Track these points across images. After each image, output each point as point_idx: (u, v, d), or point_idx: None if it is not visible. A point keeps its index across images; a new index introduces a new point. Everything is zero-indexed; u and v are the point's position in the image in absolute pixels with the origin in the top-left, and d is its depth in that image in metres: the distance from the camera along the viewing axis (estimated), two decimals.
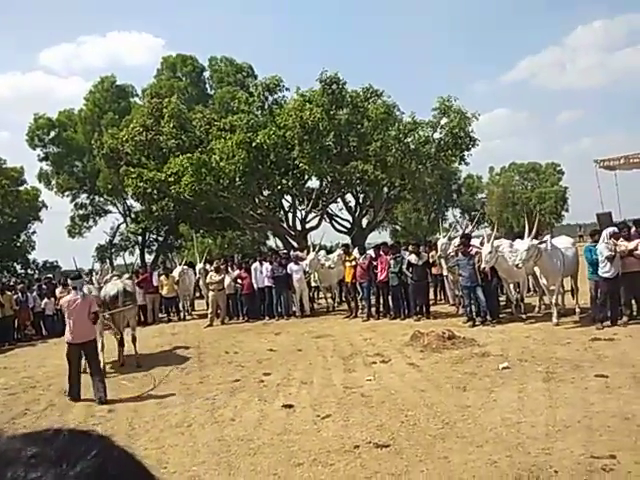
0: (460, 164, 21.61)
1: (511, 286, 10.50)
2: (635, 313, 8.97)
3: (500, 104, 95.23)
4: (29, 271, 30.05)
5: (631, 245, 8.64)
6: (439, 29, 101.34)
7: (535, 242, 9.10)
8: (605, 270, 8.60)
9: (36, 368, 9.51)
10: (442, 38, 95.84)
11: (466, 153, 19.83)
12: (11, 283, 17.47)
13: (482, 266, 9.62)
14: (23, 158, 61.67)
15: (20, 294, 14.25)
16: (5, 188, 27.40)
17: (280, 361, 8.41)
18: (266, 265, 13.77)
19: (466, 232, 13.76)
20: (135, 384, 7.70)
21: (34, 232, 30.43)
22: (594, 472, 3.77)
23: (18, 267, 30.29)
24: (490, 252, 9.47)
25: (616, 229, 9.25)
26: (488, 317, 10.05)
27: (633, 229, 9.61)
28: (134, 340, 9.28)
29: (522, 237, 9.37)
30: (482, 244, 10.16)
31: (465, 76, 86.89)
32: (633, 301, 8.98)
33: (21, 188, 29.15)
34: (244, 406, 6.16)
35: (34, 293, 14.95)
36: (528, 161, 44.95)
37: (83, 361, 7.19)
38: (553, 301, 9.39)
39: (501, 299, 11.47)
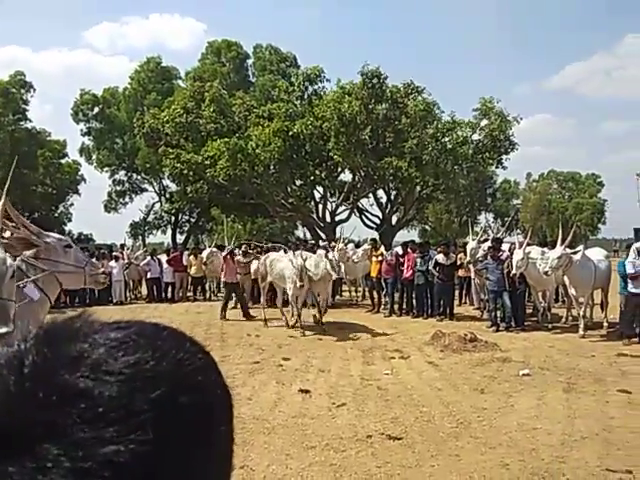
0: (497, 168, 21.32)
1: (539, 295, 10.33)
2: None
3: (543, 109, 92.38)
4: None
5: None
6: (485, 28, 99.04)
7: (568, 251, 8.91)
8: (632, 285, 8.37)
9: None
10: (488, 37, 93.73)
11: (504, 157, 19.62)
12: None
13: (512, 272, 9.49)
14: (65, 132, 63.27)
15: None
16: (48, 160, 28.44)
17: (300, 348, 8.52)
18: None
19: (497, 237, 13.53)
20: None
21: (72, 204, 31.55)
22: None
23: None
24: (522, 258, 9.31)
25: None
26: (513, 323, 9.92)
27: None
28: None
29: (555, 246, 9.19)
30: (511, 250, 10.00)
31: (509, 77, 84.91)
32: None
33: (62, 161, 30.16)
34: (262, 387, 6.29)
35: None
36: (568, 170, 43.93)
37: None
38: (581, 313, 9.19)
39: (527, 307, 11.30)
